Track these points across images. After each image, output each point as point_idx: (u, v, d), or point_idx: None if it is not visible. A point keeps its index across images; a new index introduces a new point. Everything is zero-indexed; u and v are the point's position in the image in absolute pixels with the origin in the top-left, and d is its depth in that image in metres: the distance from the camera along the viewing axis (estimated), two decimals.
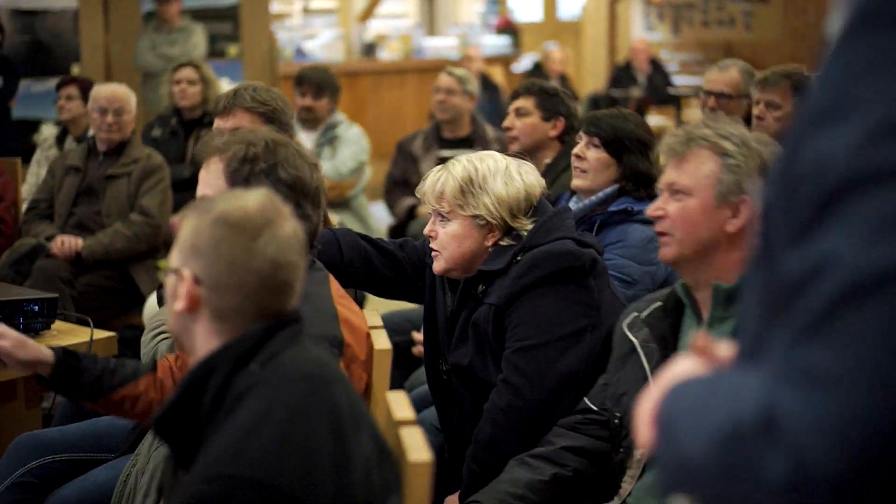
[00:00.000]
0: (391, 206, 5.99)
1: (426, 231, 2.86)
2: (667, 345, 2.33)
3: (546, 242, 2.72)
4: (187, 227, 1.77)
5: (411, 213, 5.83)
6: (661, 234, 2.32)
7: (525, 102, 4.20)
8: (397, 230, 5.96)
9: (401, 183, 5.91)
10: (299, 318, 1.78)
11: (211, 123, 5.82)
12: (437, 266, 2.84)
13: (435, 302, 2.97)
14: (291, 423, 1.62)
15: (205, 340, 1.74)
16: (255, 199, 1.78)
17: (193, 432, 1.71)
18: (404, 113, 10.95)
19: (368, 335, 2.37)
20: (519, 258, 2.72)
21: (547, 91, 4.21)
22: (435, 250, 2.83)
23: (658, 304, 2.41)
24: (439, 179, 2.81)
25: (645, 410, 1.12)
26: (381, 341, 2.36)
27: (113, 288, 4.75)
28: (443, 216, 2.80)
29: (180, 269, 1.75)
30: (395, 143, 6.09)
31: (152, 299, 4.61)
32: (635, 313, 2.44)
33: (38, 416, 3.57)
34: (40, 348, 2.39)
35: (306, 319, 1.82)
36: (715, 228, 2.27)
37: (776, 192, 1.02)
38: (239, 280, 1.73)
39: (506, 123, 4.24)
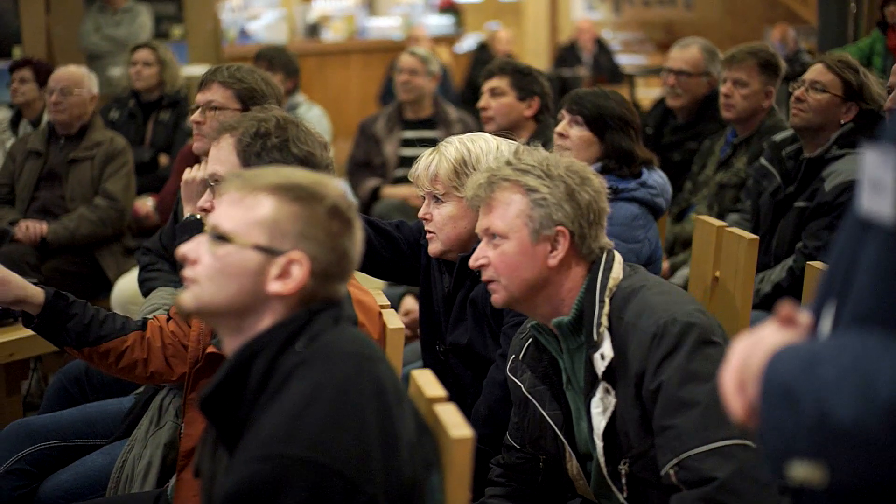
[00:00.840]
0: (354, 187, 5.97)
1: (421, 214, 2.86)
2: (552, 383, 2.31)
3: None
4: (274, 205, 1.72)
5: (375, 195, 5.82)
6: (489, 281, 2.27)
7: (500, 82, 4.20)
8: (361, 211, 5.95)
9: (363, 164, 5.90)
10: (341, 301, 1.78)
11: (170, 105, 5.81)
12: (433, 248, 2.85)
13: (431, 283, 2.98)
14: (341, 402, 1.62)
15: (260, 322, 1.72)
16: (341, 189, 1.79)
17: (238, 412, 1.70)
18: (350, 94, 10.91)
19: (380, 314, 2.38)
20: None
21: (521, 70, 4.22)
22: (430, 232, 2.84)
23: (529, 340, 2.37)
24: (432, 162, 2.81)
25: (733, 380, 1.13)
26: (393, 320, 2.37)
27: (79, 273, 4.69)
28: (437, 198, 2.81)
29: (290, 252, 1.70)
30: (358, 124, 6.07)
31: (121, 283, 4.56)
32: (513, 356, 2.42)
33: (18, 404, 3.53)
34: (26, 287, 2.38)
35: None
36: (538, 266, 2.21)
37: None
38: (340, 270, 1.74)
39: (481, 104, 4.24)
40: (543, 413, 2.31)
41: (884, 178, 1.00)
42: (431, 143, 5.75)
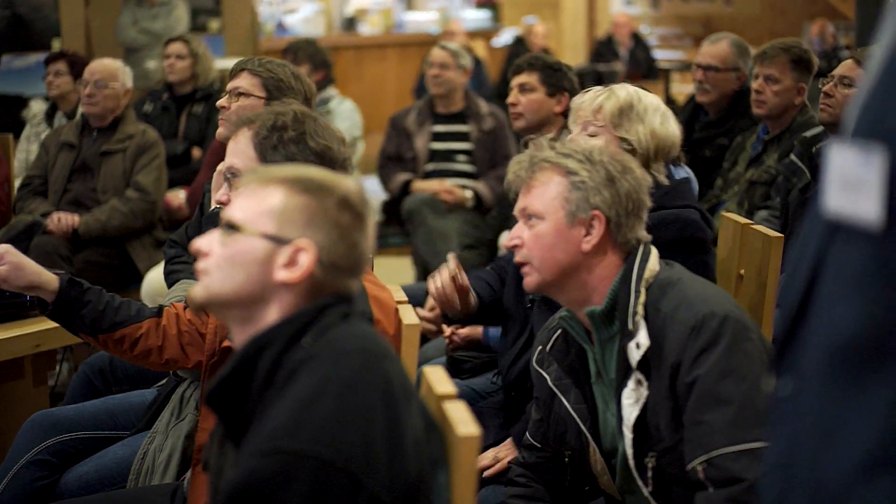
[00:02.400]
0: (385, 181, 5.97)
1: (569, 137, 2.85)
2: (579, 376, 2.30)
3: (674, 206, 2.75)
4: (283, 195, 1.73)
5: (406, 189, 5.82)
6: (522, 264, 2.26)
7: (529, 78, 4.16)
8: (391, 205, 5.96)
9: (394, 158, 5.90)
10: (351, 297, 1.78)
11: (203, 99, 5.84)
12: None
13: None
14: (348, 397, 1.62)
15: (268, 313, 1.73)
16: (355, 183, 1.79)
17: (244, 406, 1.70)
18: (386, 87, 10.91)
19: (396, 311, 2.38)
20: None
21: (551, 66, 4.19)
22: None
23: (558, 332, 2.36)
24: (601, 96, 2.84)
25: None
26: (409, 316, 2.36)
27: (110, 265, 4.74)
28: (591, 130, 2.82)
29: (297, 240, 1.71)
30: (387, 119, 6.07)
31: (151, 275, 4.60)
32: (540, 346, 2.40)
33: (45, 395, 3.56)
34: (41, 273, 2.41)
35: None
36: (572, 250, 2.21)
37: None
38: (349, 263, 1.75)
39: (510, 100, 4.21)
40: (569, 407, 2.30)
41: (863, 175, 0.96)
42: (463, 136, 5.79)
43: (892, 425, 0.94)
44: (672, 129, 2.84)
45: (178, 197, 5.33)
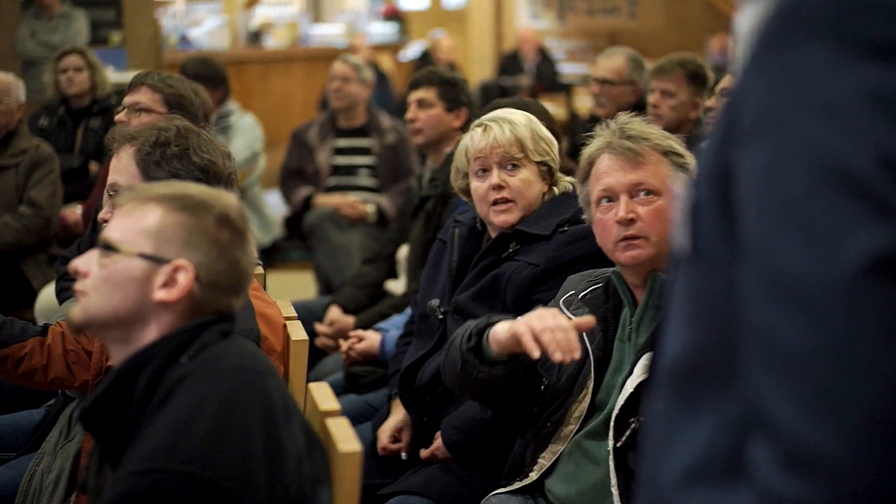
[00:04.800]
0: (287, 196, 5.93)
1: (494, 182, 2.79)
2: (607, 327, 2.35)
3: None
4: (161, 214, 1.72)
5: (307, 203, 5.79)
6: (634, 237, 2.29)
7: (427, 93, 4.15)
8: (293, 220, 5.92)
9: (296, 173, 5.86)
10: (232, 315, 1.77)
11: (100, 112, 5.74)
12: (511, 217, 2.81)
13: (442, 256, 3.04)
14: (225, 416, 1.60)
15: (147, 332, 1.71)
16: (234, 198, 1.79)
17: (121, 426, 1.68)
18: (292, 101, 10.85)
19: (285, 326, 2.36)
20: (565, 228, 2.75)
21: (448, 81, 4.18)
22: (509, 200, 2.80)
23: (598, 286, 2.42)
24: (505, 130, 2.80)
25: None
26: (298, 332, 2.35)
27: (3, 282, 4.62)
28: (514, 165, 2.80)
29: (176, 260, 1.70)
30: (290, 133, 6.04)
31: (45, 292, 4.50)
32: (572, 291, 2.45)
33: None
34: None
35: None
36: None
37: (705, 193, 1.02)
38: (230, 281, 1.73)
39: (409, 115, 4.18)
40: (589, 346, 2.32)
41: (682, 209, 1.03)
42: (365, 151, 5.78)
43: (710, 442, 1.00)
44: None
45: (75, 213, 5.23)
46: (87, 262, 1.74)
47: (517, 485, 2.41)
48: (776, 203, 0.90)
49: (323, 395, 1.94)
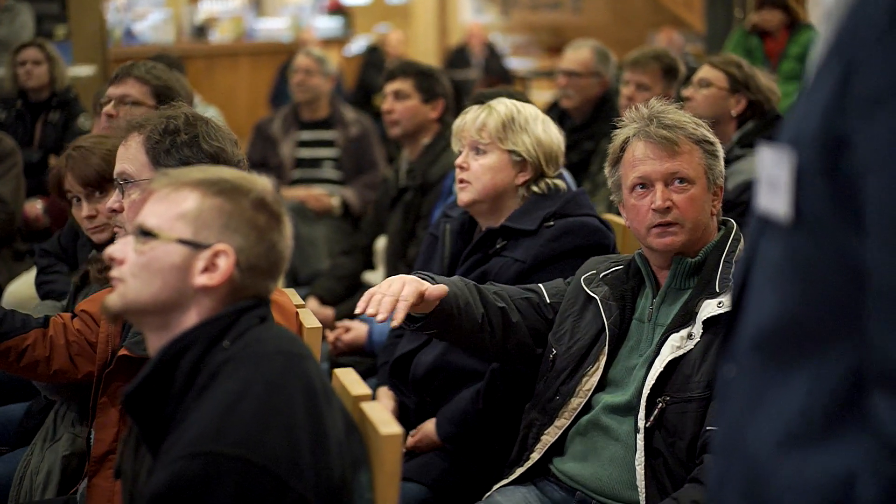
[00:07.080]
0: None
1: (458, 162, 2.88)
2: (625, 306, 2.41)
3: (577, 215, 2.82)
4: (198, 199, 1.70)
5: None
6: (669, 224, 2.35)
7: (403, 85, 4.15)
8: None
9: (259, 165, 5.83)
10: (268, 300, 1.76)
11: (59, 106, 5.65)
12: (465, 197, 2.88)
13: (434, 251, 3.08)
14: (270, 399, 1.60)
15: (187, 318, 1.69)
16: (268, 182, 1.79)
17: (163, 410, 1.67)
18: (238, 95, 10.79)
19: (297, 314, 2.36)
20: (551, 223, 2.78)
21: (424, 72, 4.20)
22: (465, 181, 2.87)
23: (619, 267, 2.48)
24: (482, 114, 2.88)
25: None
26: (310, 320, 2.34)
27: None
28: (478, 149, 2.86)
29: (216, 244, 1.69)
30: (253, 126, 6.00)
31: (11, 288, 4.43)
32: (594, 270, 2.51)
33: None
34: None
35: None
36: (707, 214, 2.38)
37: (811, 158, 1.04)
38: (268, 265, 1.72)
39: (385, 107, 4.18)
40: (605, 322, 2.38)
41: (778, 175, 1.04)
42: (329, 143, 5.76)
43: (807, 404, 1.02)
44: (554, 135, 2.91)
45: (35, 207, 5.15)
46: (123, 249, 1.72)
47: (518, 471, 2.44)
48: None
49: (352, 381, 1.94)
